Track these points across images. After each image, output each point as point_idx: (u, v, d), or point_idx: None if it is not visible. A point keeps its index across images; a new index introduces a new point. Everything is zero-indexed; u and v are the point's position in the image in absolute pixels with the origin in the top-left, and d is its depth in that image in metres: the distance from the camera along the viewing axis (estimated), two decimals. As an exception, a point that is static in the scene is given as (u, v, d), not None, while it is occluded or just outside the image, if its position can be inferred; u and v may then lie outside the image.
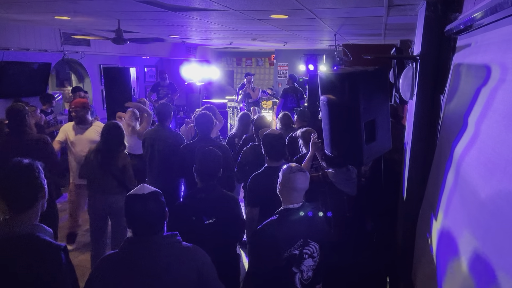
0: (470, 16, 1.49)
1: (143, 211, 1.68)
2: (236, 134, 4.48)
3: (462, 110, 1.63)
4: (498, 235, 1.03)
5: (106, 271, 1.67)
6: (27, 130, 3.61)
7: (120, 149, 3.53)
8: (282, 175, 2.22)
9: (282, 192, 2.22)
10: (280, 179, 2.22)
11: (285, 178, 2.19)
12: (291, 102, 7.88)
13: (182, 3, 3.39)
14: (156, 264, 1.64)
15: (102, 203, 3.54)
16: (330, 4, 3.32)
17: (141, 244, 1.68)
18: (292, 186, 2.16)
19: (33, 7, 3.80)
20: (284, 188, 2.20)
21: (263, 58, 13.37)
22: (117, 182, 3.50)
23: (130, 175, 3.55)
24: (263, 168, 3.00)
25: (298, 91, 7.98)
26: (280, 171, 2.25)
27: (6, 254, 1.62)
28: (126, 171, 3.52)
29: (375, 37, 6.38)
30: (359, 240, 2.98)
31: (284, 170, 2.22)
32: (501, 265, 0.98)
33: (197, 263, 1.73)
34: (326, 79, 2.27)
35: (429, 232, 1.96)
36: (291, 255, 2.12)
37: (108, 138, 3.49)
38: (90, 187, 3.59)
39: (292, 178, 2.15)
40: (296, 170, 2.18)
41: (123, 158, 3.54)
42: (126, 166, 3.53)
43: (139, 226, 1.70)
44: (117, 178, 3.48)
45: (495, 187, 1.11)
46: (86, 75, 8.18)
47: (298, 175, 2.16)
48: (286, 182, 2.18)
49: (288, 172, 2.18)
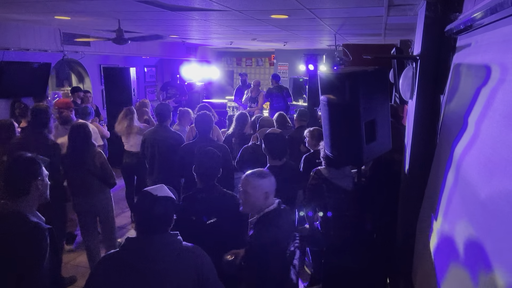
0: (470, 16, 1.49)
1: (148, 211, 1.70)
2: (233, 134, 4.48)
3: (462, 110, 1.63)
4: (498, 235, 1.03)
5: (106, 270, 1.68)
6: (45, 133, 3.52)
7: (89, 148, 3.48)
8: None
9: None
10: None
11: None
12: (277, 102, 7.82)
13: (182, 3, 3.39)
14: (156, 263, 1.64)
15: (86, 204, 3.56)
16: (330, 4, 3.32)
17: (142, 243, 1.69)
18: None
19: (33, 7, 3.80)
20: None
21: (263, 58, 13.38)
22: (98, 180, 3.50)
23: (109, 172, 3.54)
24: (265, 168, 2.99)
25: (283, 90, 7.90)
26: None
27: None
28: (105, 168, 3.51)
29: (375, 37, 6.39)
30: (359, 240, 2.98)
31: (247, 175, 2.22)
32: (501, 265, 0.98)
33: (196, 262, 1.73)
34: (326, 79, 2.27)
35: (429, 232, 1.96)
36: (290, 252, 2.14)
37: (75, 139, 3.44)
38: (72, 190, 3.59)
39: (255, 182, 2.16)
40: (257, 175, 2.18)
41: (99, 156, 3.51)
42: (104, 163, 3.52)
43: (142, 223, 1.72)
44: (97, 176, 3.49)
45: (495, 187, 1.11)
46: (86, 75, 8.18)
47: (259, 179, 2.17)
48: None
49: (249, 176, 2.19)
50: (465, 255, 1.29)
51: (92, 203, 3.56)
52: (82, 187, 3.50)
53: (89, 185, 3.50)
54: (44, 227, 1.96)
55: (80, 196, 3.54)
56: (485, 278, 1.08)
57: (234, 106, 9.48)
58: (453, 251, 1.43)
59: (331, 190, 2.99)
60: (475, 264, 1.18)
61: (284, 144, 3.03)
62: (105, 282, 1.65)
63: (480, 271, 1.12)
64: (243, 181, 2.20)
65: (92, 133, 3.57)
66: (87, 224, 3.67)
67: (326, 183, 2.99)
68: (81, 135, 3.45)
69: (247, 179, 2.18)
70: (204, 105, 5.01)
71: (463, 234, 1.35)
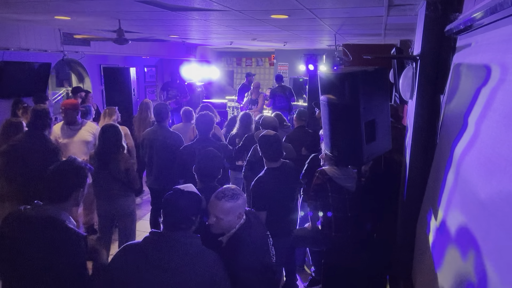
0: (470, 16, 1.49)
1: (173, 204, 1.77)
2: (237, 134, 4.49)
3: (462, 110, 1.63)
4: (498, 235, 1.03)
5: (125, 259, 1.74)
6: (46, 135, 3.45)
7: (119, 151, 3.40)
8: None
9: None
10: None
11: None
12: (280, 101, 7.87)
13: (182, 3, 3.39)
14: (171, 260, 1.68)
15: (108, 207, 3.52)
16: (330, 4, 3.32)
17: (162, 238, 1.74)
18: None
19: (33, 7, 3.80)
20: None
21: (263, 58, 13.37)
22: (122, 185, 3.43)
23: (134, 177, 3.47)
24: (263, 171, 2.99)
25: (286, 90, 7.96)
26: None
27: (35, 229, 1.82)
28: (130, 173, 3.43)
29: (375, 37, 6.38)
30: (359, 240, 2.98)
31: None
32: (501, 265, 0.98)
33: (211, 268, 1.74)
34: (326, 79, 2.27)
35: (429, 232, 1.96)
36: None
37: (105, 142, 3.37)
38: (95, 192, 3.55)
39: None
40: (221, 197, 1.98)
41: (125, 160, 3.42)
42: (129, 168, 3.43)
43: (166, 217, 1.77)
44: (121, 181, 3.41)
45: (495, 187, 1.11)
46: (86, 75, 8.18)
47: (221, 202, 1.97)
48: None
49: (219, 200, 1.99)
50: (465, 255, 1.29)
51: (112, 207, 3.50)
52: (103, 190, 3.45)
53: (110, 189, 3.42)
54: (82, 235, 1.89)
55: (101, 199, 3.50)
56: (485, 278, 1.07)
57: (234, 106, 9.48)
58: (453, 251, 1.43)
59: (334, 190, 3.00)
60: (475, 264, 1.18)
61: (279, 145, 2.99)
62: (123, 269, 1.71)
63: (480, 271, 1.12)
64: (212, 204, 1.97)
65: (122, 135, 3.48)
66: (106, 227, 3.63)
67: (330, 183, 2.99)
68: (110, 137, 3.36)
69: (217, 204, 1.95)
70: (206, 105, 5.00)
71: (463, 234, 1.35)
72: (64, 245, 1.82)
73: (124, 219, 3.59)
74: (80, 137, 4.25)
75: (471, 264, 1.21)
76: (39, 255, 1.80)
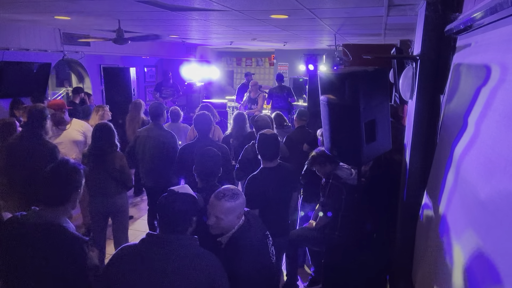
0: (470, 16, 1.49)
1: (167, 207, 1.75)
2: (231, 134, 4.45)
3: (462, 110, 1.63)
4: (498, 235, 1.03)
5: (122, 260, 1.73)
6: (42, 135, 3.38)
7: (112, 149, 3.41)
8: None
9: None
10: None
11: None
12: (277, 102, 7.85)
13: (182, 3, 3.39)
14: (168, 263, 1.66)
15: (103, 205, 3.53)
16: (330, 4, 3.32)
17: (159, 240, 1.72)
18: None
19: (33, 7, 3.80)
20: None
21: (263, 58, 13.38)
22: (116, 183, 3.46)
23: (128, 174, 3.50)
24: (259, 169, 2.98)
25: (285, 90, 7.94)
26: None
27: (35, 237, 1.77)
28: (124, 171, 3.46)
29: (375, 37, 6.38)
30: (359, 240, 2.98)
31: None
32: (501, 265, 0.98)
33: (209, 270, 1.72)
34: (326, 79, 2.27)
35: (429, 232, 1.96)
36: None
37: (99, 140, 3.38)
38: (90, 191, 3.55)
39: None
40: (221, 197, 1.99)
41: (120, 158, 3.45)
42: (124, 166, 3.47)
43: (161, 220, 1.76)
44: (115, 179, 3.44)
45: (495, 187, 1.11)
46: (86, 75, 8.17)
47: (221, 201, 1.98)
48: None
49: (220, 199, 1.99)
50: (465, 255, 1.29)
51: (107, 205, 3.52)
52: (99, 188, 3.46)
53: (106, 187, 3.45)
54: (84, 239, 1.84)
55: (97, 196, 3.50)
56: (485, 278, 1.08)
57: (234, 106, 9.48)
58: (453, 251, 1.43)
59: (348, 192, 3.02)
60: (475, 264, 1.18)
61: (276, 145, 2.98)
62: (120, 271, 1.70)
63: (480, 271, 1.12)
64: (212, 205, 1.98)
65: (116, 134, 3.50)
66: (99, 226, 3.63)
67: (345, 186, 3.02)
68: (104, 136, 3.39)
69: (217, 204, 1.96)
70: (205, 105, 5.00)
71: (463, 234, 1.35)
72: (67, 252, 1.78)
73: (119, 216, 3.62)
74: (69, 137, 4.22)
75: (471, 264, 1.21)
76: (41, 263, 1.75)
